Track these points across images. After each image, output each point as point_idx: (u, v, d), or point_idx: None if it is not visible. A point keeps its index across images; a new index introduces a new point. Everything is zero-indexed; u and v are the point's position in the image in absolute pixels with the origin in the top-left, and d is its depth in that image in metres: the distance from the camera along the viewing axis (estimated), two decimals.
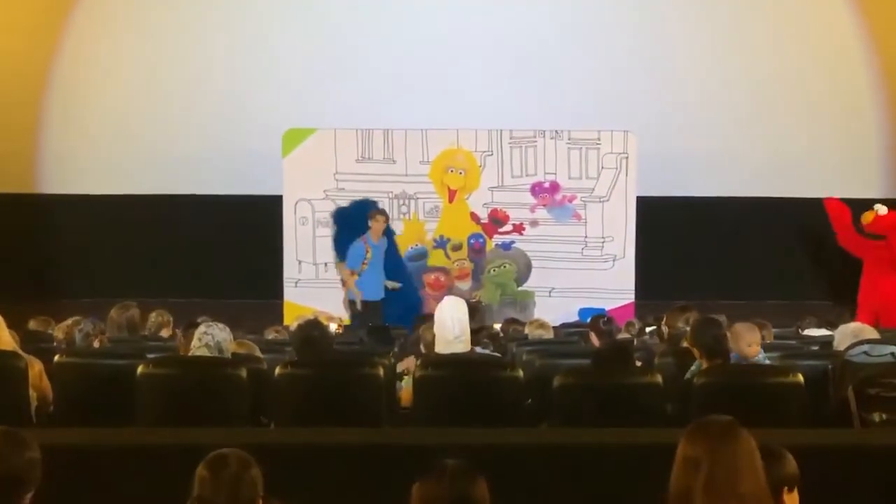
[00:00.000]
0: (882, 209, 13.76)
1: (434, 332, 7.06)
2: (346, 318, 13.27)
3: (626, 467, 4.73)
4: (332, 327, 11.10)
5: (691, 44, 15.33)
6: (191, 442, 4.69)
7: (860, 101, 15.44)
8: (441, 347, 6.89)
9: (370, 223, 13.14)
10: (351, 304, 13.29)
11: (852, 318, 11.83)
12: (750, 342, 6.78)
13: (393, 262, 13.53)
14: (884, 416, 6.18)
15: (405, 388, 7.39)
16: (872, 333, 7.24)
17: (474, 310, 8.05)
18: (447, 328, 6.92)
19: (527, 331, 9.97)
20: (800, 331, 10.68)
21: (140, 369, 6.42)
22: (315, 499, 4.27)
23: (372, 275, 13.17)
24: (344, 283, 13.39)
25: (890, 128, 15.46)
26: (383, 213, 13.32)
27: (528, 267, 13.97)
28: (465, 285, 14.01)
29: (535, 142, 13.82)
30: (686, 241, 15.17)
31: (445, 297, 7.33)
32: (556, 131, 13.80)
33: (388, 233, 13.46)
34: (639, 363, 7.26)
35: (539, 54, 15.17)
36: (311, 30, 15.28)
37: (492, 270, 13.99)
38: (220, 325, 6.93)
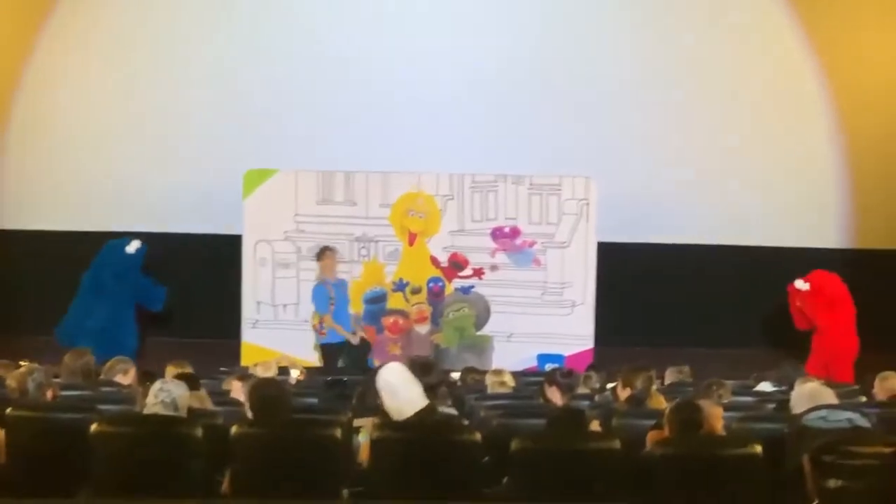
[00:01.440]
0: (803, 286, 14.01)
1: (386, 404, 6.99)
2: (309, 360, 13.14)
3: None
4: (294, 374, 11.03)
5: (653, 92, 15.37)
6: None
7: (818, 151, 15.55)
8: (399, 414, 6.84)
9: (319, 264, 13.07)
10: (322, 347, 13.16)
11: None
12: (720, 417, 6.79)
13: None
14: (839, 483, 6.19)
15: (363, 444, 7.34)
16: (829, 396, 7.25)
17: (431, 366, 8.00)
18: (400, 395, 6.89)
19: (487, 381, 9.92)
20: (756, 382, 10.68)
21: (94, 427, 6.38)
22: None
23: (342, 313, 13.09)
24: (317, 329, 13.22)
25: (846, 178, 15.57)
26: (329, 248, 13.19)
27: (488, 311, 13.97)
28: (424, 328, 14.00)
29: (496, 186, 13.85)
30: (645, 287, 15.18)
31: (382, 369, 7.25)
32: (518, 176, 13.85)
33: None
34: (597, 422, 7.25)
35: (501, 99, 15.18)
36: (274, 70, 15.24)
37: (451, 314, 13.98)
38: (176, 381, 6.90)
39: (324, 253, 13.10)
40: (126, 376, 9.65)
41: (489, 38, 15.38)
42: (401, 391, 6.91)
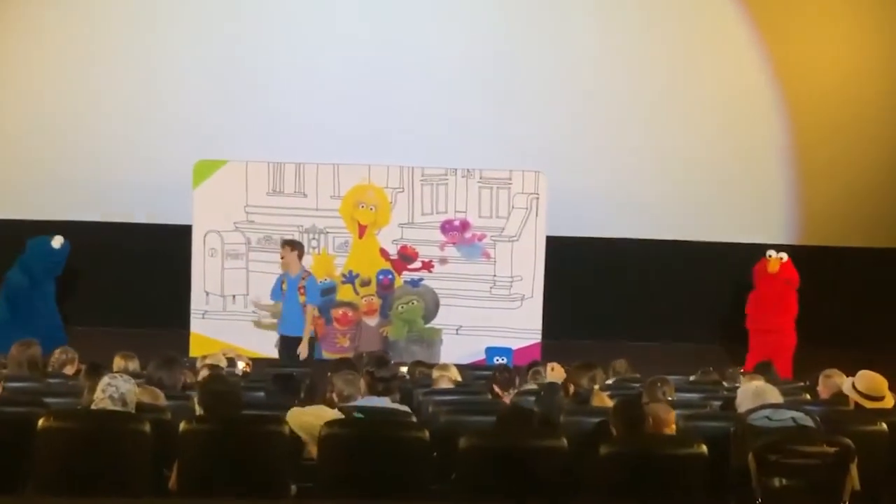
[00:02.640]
0: (783, 256, 14.07)
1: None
2: (256, 351, 13.07)
3: None
4: (241, 365, 10.98)
5: (603, 87, 15.45)
6: None
7: (765, 149, 15.67)
8: None
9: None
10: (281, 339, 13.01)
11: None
12: (669, 423, 6.81)
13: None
14: (784, 482, 6.26)
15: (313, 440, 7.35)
16: (774, 395, 7.30)
17: (386, 360, 8.04)
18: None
19: (434, 375, 9.94)
20: (724, 383, 10.76)
21: (41, 423, 6.31)
22: None
23: (288, 309, 12.51)
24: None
25: (792, 176, 15.70)
26: (289, 243, 12.61)
27: (437, 304, 13.99)
28: (373, 321, 14.01)
29: (447, 180, 13.86)
30: (594, 281, 15.30)
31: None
32: (468, 170, 13.85)
33: None
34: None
35: (452, 93, 15.21)
36: (224, 61, 15.18)
37: (400, 307, 14.00)
38: (125, 377, 6.86)
39: (280, 247, 12.68)
40: (72, 367, 9.64)
41: (441, 33, 15.41)
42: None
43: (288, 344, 12.55)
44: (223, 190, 13.73)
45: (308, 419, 7.00)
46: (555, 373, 8.88)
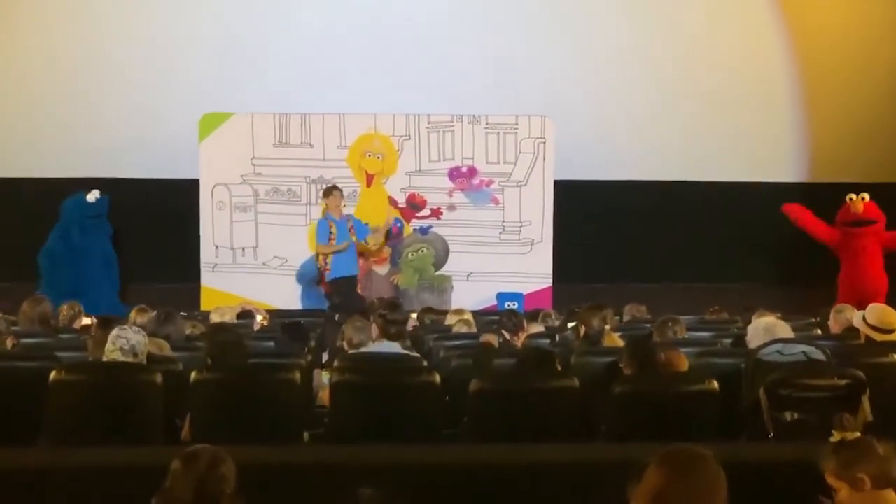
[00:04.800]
0: (865, 196, 13.91)
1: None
2: (271, 304, 13.09)
3: (545, 485, 4.73)
4: (258, 318, 10.99)
5: (609, 28, 15.37)
6: (101, 462, 4.65)
7: (776, 87, 15.59)
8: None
9: (325, 201, 12.96)
10: (330, 283, 13.04)
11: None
12: (678, 364, 6.76)
13: None
14: (795, 416, 6.26)
15: (325, 388, 7.36)
16: (785, 330, 7.30)
17: (398, 305, 8.04)
18: None
19: (448, 321, 9.96)
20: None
21: (53, 375, 6.32)
22: None
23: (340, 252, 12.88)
24: (322, 267, 13.13)
25: (803, 113, 15.64)
26: (338, 188, 13.11)
27: (446, 251, 14.01)
28: (383, 270, 14.02)
29: (453, 126, 13.85)
30: (604, 224, 15.26)
31: None
32: (474, 116, 13.84)
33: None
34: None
35: (457, 39, 15.12)
36: (228, 13, 15.11)
37: (409, 255, 14.01)
38: (135, 328, 6.88)
39: (330, 192, 13.00)
40: (80, 321, 9.70)
41: None
42: None
43: (341, 285, 12.83)
44: (229, 143, 13.75)
45: None
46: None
